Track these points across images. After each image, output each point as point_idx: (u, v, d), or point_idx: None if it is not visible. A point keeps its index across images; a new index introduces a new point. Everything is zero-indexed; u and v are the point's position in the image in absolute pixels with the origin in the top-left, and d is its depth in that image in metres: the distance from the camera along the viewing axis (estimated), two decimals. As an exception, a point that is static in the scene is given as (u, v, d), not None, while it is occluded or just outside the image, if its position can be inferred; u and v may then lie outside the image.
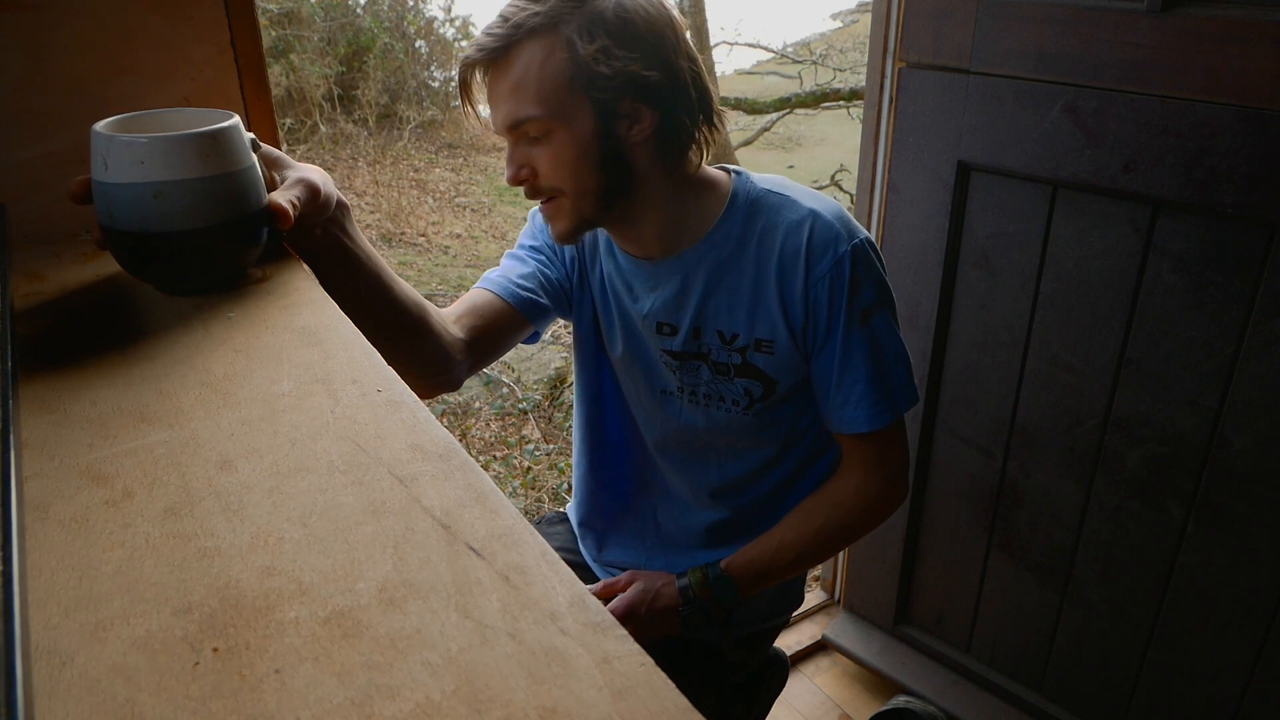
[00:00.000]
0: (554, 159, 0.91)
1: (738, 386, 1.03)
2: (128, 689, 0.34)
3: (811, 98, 5.10)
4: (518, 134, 0.92)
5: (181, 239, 0.64)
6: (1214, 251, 1.18)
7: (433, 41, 7.46)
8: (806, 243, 0.95)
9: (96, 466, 0.47)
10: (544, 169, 0.92)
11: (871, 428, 1.00)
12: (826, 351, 0.99)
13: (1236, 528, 1.26)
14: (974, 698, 1.66)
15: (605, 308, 1.10)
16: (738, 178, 1.02)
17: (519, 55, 0.89)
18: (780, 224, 0.97)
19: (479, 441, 3.42)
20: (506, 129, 0.92)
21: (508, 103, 0.90)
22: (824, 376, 1.01)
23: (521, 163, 0.93)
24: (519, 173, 0.93)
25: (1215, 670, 1.35)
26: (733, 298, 1.00)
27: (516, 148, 0.93)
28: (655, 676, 0.35)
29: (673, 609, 1.06)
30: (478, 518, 0.43)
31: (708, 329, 1.02)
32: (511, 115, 0.90)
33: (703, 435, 1.09)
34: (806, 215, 0.96)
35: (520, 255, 1.11)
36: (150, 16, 0.82)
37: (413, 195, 6.01)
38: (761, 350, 1.00)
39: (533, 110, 0.89)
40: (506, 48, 0.89)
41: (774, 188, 1.01)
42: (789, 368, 1.01)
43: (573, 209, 0.94)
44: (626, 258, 1.05)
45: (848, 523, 1.06)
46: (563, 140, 0.91)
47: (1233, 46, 1.08)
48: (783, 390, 1.03)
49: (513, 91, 0.90)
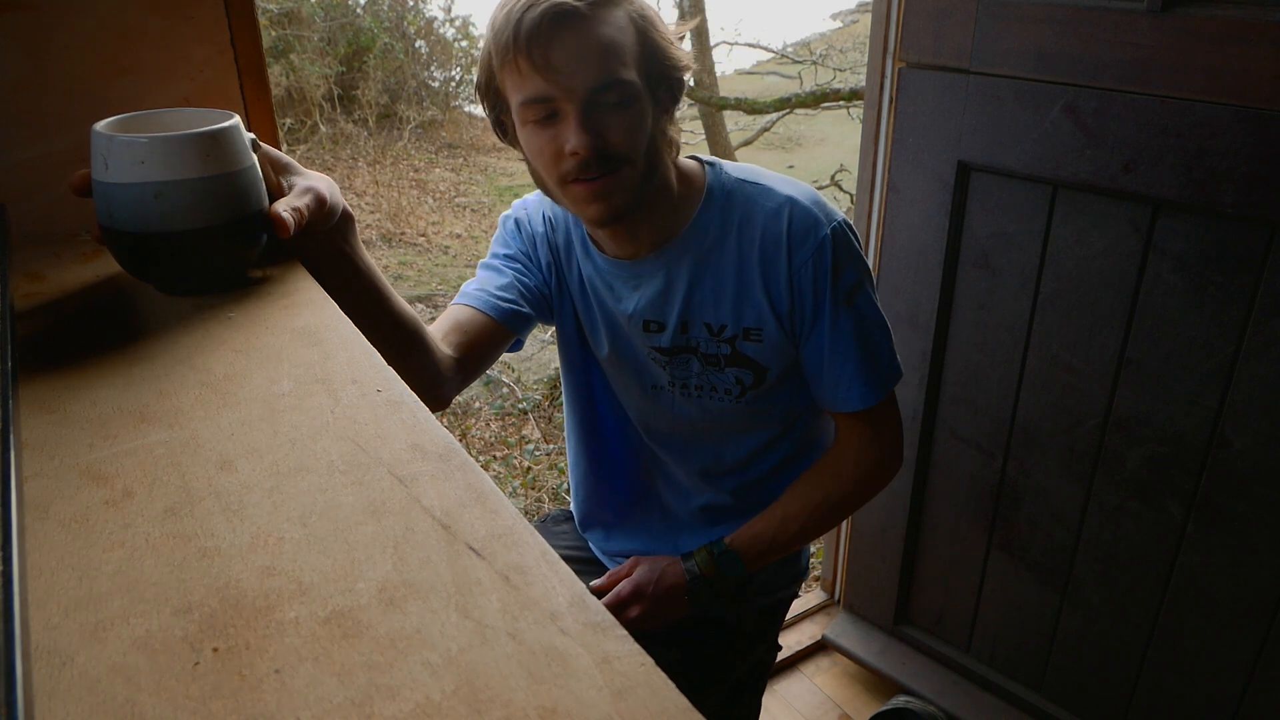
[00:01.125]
0: (631, 128, 0.89)
1: (729, 376, 1.04)
2: (128, 689, 0.34)
3: (811, 98, 5.09)
4: (597, 95, 0.86)
5: (181, 239, 0.64)
6: (1214, 251, 1.18)
7: (433, 41, 7.46)
8: (787, 229, 0.97)
9: (96, 466, 0.47)
10: (619, 137, 0.88)
11: (865, 405, 1.02)
12: (815, 334, 1.00)
13: (1236, 528, 1.26)
14: (974, 698, 1.66)
15: (587, 309, 1.10)
16: (710, 169, 1.03)
17: (610, 18, 0.87)
18: (759, 212, 0.98)
19: (479, 441, 3.42)
20: (592, 88, 0.86)
21: (601, 60, 0.86)
22: (814, 359, 1.02)
23: (597, 129, 0.87)
24: (595, 139, 0.87)
25: (1215, 670, 1.35)
26: (717, 289, 1.00)
27: (590, 113, 0.87)
28: (655, 676, 0.35)
29: (680, 587, 1.07)
30: (478, 518, 0.43)
31: (695, 323, 1.02)
32: (607, 74, 0.86)
33: (698, 424, 1.09)
34: (784, 202, 0.98)
35: (496, 265, 1.10)
36: (150, 16, 0.82)
37: (413, 195, 6.01)
38: (750, 339, 1.01)
39: (629, 74, 0.87)
40: (597, 4, 0.86)
41: (748, 177, 1.02)
42: (778, 354, 1.02)
43: (632, 184, 0.92)
44: (604, 259, 1.04)
45: (847, 494, 1.08)
46: (641, 111, 0.90)
47: (1233, 46, 1.08)
48: (773, 376, 1.04)
49: (608, 50, 0.86)
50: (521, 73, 0.86)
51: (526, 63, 0.85)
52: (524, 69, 0.86)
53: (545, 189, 0.97)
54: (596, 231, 1.03)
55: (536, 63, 0.85)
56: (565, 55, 0.85)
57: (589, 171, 0.89)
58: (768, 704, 1.76)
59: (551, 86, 0.86)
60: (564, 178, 0.90)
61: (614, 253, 1.03)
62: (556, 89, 0.86)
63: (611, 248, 1.03)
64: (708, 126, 5.98)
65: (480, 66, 0.93)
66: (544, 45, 0.84)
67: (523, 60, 0.85)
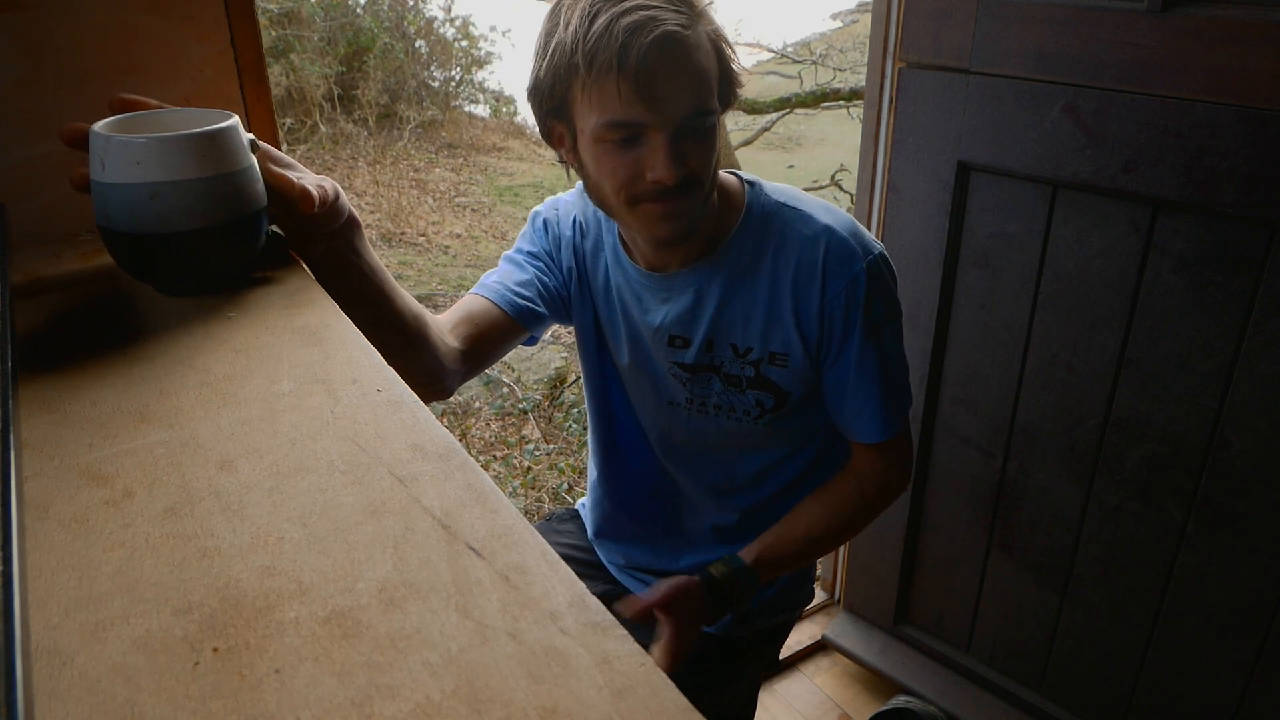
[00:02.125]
0: (708, 152, 0.89)
1: (749, 398, 1.04)
2: (128, 689, 0.34)
3: (811, 98, 5.10)
4: (688, 124, 0.85)
5: (178, 240, 0.64)
6: (1214, 251, 1.18)
7: (433, 41, 7.45)
8: (823, 259, 0.96)
9: (96, 466, 0.47)
10: (699, 164, 0.88)
11: (885, 437, 1.03)
12: (840, 364, 1.00)
13: (1236, 528, 1.26)
14: (974, 698, 1.66)
15: (610, 317, 1.09)
16: (751, 189, 1.01)
17: (700, 40, 0.85)
18: (796, 238, 0.97)
19: (479, 441, 3.42)
20: (686, 117, 0.84)
21: (695, 90, 0.84)
22: (837, 388, 1.02)
23: (683, 157, 0.86)
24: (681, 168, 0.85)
25: (1215, 670, 1.35)
26: (747, 311, 1.00)
27: (679, 141, 0.85)
28: (655, 676, 0.35)
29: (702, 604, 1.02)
30: (478, 518, 0.43)
31: (721, 342, 1.02)
32: (700, 104, 0.85)
33: (711, 441, 1.09)
34: (822, 231, 0.96)
35: (518, 260, 1.09)
36: (150, 16, 0.82)
37: (413, 195, 6.01)
38: (775, 363, 1.01)
39: (714, 102, 0.87)
40: (692, 27, 0.83)
41: (788, 200, 1.00)
42: (802, 379, 1.02)
43: (702, 205, 0.92)
44: (636, 269, 1.03)
45: (860, 511, 1.08)
46: (718, 136, 0.90)
47: (1233, 46, 1.08)
48: (795, 400, 1.03)
49: (702, 78, 0.85)
50: (620, 97, 0.82)
51: (629, 88, 0.81)
52: (624, 94, 0.82)
53: (605, 204, 0.94)
54: (637, 241, 1.01)
55: (640, 91, 0.82)
56: (668, 85, 0.83)
57: (667, 195, 0.87)
58: (768, 704, 1.76)
59: (648, 114, 0.83)
60: (636, 198, 0.88)
61: (647, 264, 1.02)
62: (653, 117, 0.83)
63: (647, 259, 1.02)
64: (708, 126, 5.97)
65: (545, 69, 0.87)
66: (649, 74, 0.81)
67: (625, 85, 0.81)
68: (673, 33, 0.81)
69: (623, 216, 0.93)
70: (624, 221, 0.95)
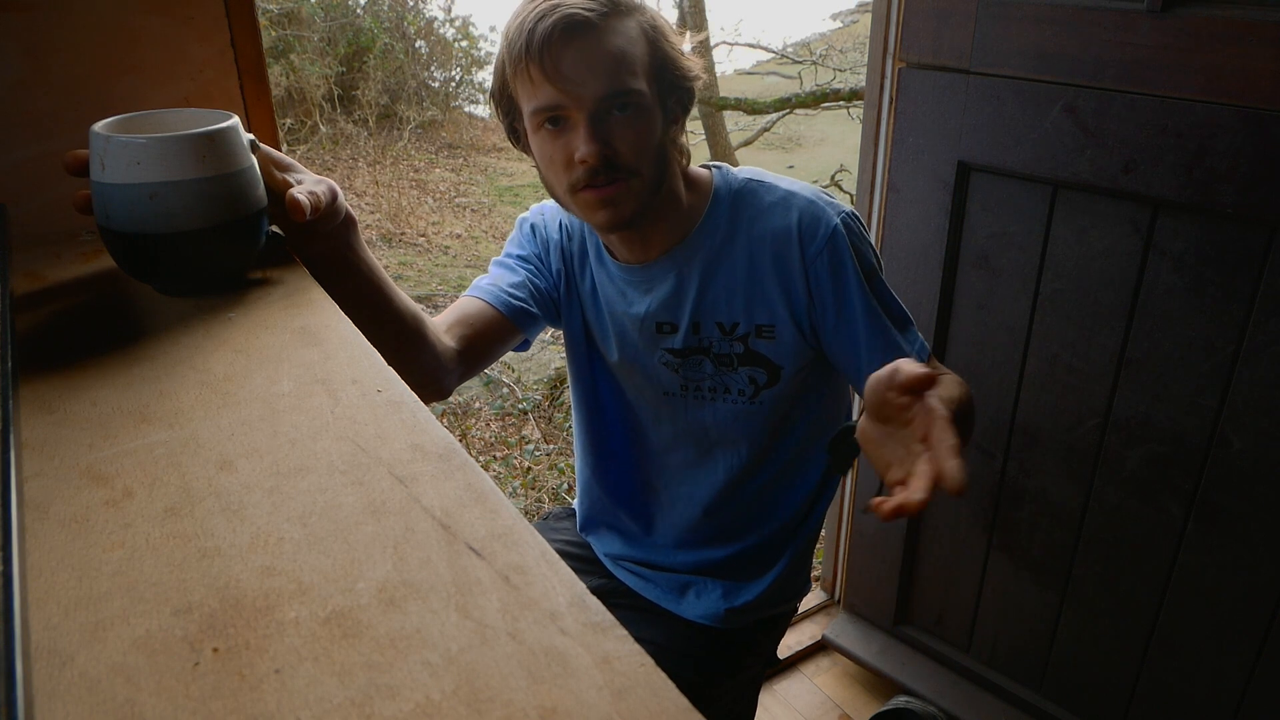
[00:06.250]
0: (639, 138, 0.91)
1: (742, 376, 1.04)
2: (128, 689, 0.34)
3: (811, 98, 5.10)
4: (606, 105, 0.88)
5: (178, 240, 0.64)
6: (1214, 251, 1.18)
7: (433, 42, 7.46)
8: (796, 223, 0.97)
9: (96, 466, 0.47)
10: (627, 147, 0.90)
11: (925, 356, 1.01)
12: (846, 325, 0.99)
13: (1236, 528, 1.26)
14: (974, 698, 1.66)
15: (598, 315, 1.10)
16: (718, 172, 1.04)
17: (621, 27, 0.88)
18: (765, 209, 0.99)
19: (479, 441, 3.42)
20: (601, 98, 0.88)
21: (610, 71, 0.87)
22: (850, 348, 1.00)
23: (605, 138, 0.89)
24: (603, 148, 0.89)
25: (1215, 670, 1.35)
26: (729, 287, 1.01)
27: (599, 122, 0.89)
28: (655, 676, 0.35)
29: None
30: (478, 518, 0.43)
31: (707, 322, 1.03)
32: (616, 84, 0.88)
33: (710, 431, 1.09)
34: (785, 196, 0.99)
35: (509, 264, 1.11)
36: (150, 16, 0.82)
37: (413, 195, 6.01)
38: (763, 335, 1.02)
39: (639, 84, 0.89)
40: (609, 15, 0.88)
41: (754, 175, 1.03)
42: (792, 352, 1.02)
43: (640, 193, 0.93)
44: (617, 265, 1.06)
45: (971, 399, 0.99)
46: (650, 121, 0.91)
47: (1233, 46, 1.08)
48: (788, 374, 1.04)
49: (618, 61, 0.88)
50: (533, 81, 0.88)
51: (538, 71, 0.87)
52: (535, 78, 0.87)
53: (556, 196, 0.98)
54: (608, 237, 1.04)
55: (548, 72, 0.86)
56: (575, 65, 0.86)
57: (597, 179, 0.90)
58: (768, 704, 1.76)
59: (562, 95, 0.87)
60: (573, 185, 0.92)
61: (626, 258, 1.05)
62: (566, 98, 0.87)
63: (624, 254, 1.04)
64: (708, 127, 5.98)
65: (494, 73, 0.95)
66: (555, 55, 0.86)
67: (534, 69, 0.87)
68: (573, 14, 0.85)
69: (570, 206, 0.96)
70: (572, 211, 0.98)
